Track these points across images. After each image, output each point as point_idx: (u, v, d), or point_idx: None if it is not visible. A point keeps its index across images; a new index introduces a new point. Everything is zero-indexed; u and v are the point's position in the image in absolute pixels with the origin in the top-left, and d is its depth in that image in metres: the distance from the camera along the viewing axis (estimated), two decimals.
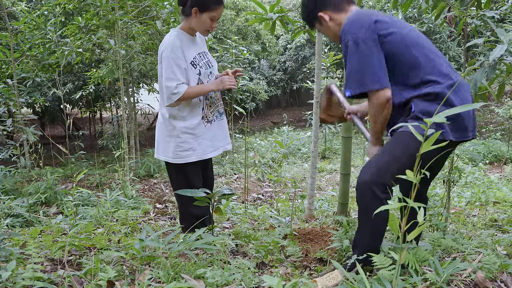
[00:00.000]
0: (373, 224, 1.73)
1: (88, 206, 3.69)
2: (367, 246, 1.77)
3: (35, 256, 1.91)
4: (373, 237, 1.77)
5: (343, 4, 1.87)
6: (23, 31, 5.84)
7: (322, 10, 1.88)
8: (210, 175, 2.62)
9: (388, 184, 1.67)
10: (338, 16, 1.87)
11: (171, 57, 2.23)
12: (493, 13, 2.45)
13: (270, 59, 15.15)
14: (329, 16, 1.88)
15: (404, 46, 1.70)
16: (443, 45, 10.45)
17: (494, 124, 10.36)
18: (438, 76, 1.69)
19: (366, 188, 1.68)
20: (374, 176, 1.67)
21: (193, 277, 1.75)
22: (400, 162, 1.66)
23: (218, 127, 2.48)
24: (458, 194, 4.40)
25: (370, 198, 1.67)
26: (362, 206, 1.73)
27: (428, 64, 1.71)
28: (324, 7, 1.87)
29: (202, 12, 2.27)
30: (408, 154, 1.66)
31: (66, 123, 4.93)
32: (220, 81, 2.37)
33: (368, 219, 1.69)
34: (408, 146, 1.66)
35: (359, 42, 1.69)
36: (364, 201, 1.71)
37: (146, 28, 5.35)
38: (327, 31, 1.94)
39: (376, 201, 1.65)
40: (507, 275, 1.82)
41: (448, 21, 3.16)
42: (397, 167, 1.66)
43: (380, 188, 1.66)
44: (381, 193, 1.66)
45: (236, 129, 10.56)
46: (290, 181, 4.98)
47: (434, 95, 1.66)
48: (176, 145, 2.36)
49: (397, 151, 1.69)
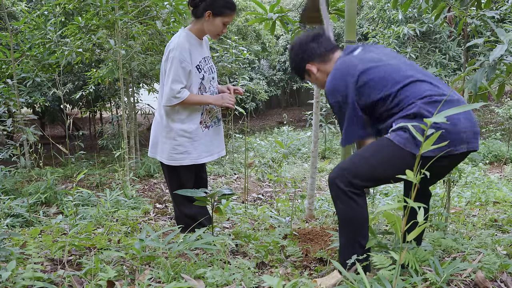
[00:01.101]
0: (344, 218, 1.79)
1: (88, 206, 3.69)
2: (342, 244, 1.82)
3: (35, 256, 1.91)
4: (346, 233, 1.81)
5: (328, 54, 1.95)
6: (23, 31, 5.84)
7: (309, 62, 1.96)
8: (204, 176, 2.63)
9: (352, 180, 1.73)
10: (324, 67, 1.96)
11: (179, 58, 2.22)
12: (493, 13, 2.45)
13: (270, 59, 15.16)
14: (316, 67, 1.96)
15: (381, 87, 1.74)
16: (443, 45, 10.45)
17: (494, 124, 10.36)
18: (415, 99, 1.68)
19: (332, 183, 1.77)
20: (339, 171, 1.77)
21: (193, 277, 1.75)
22: (369, 163, 1.73)
23: (215, 133, 2.49)
24: (458, 194, 4.40)
25: (335, 192, 1.76)
26: (332, 198, 1.81)
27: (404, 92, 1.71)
28: (310, 59, 1.96)
29: (215, 16, 2.27)
30: (378, 158, 1.72)
31: (66, 123, 4.93)
32: (220, 97, 2.39)
33: (340, 213, 1.79)
34: (380, 151, 1.73)
35: (341, 105, 1.81)
36: (332, 193, 1.79)
37: (146, 28, 5.35)
38: (316, 81, 2.03)
39: (339, 192, 1.74)
40: (507, 275, 1.82)
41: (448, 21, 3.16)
42: (366, 167, 1.73)
43: (343, 182, 1.73)
44: (344, 186, 1.73)
45: (236, 129, 10.56)
46: (290, 181, 4.98)
47: (412, 115, 1.66)
48: (172, 147, 2.36)
49: (367, 153, 1.76)
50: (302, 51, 1.97)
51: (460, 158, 1.73)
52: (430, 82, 1.74)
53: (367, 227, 1.79)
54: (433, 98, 1.66)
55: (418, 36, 10.14)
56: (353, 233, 1.79)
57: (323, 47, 1.95)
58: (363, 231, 1.79)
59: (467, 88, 2.13)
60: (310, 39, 1.97)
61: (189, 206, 2.42)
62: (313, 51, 1.95)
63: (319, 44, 1.95)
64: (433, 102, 1.65)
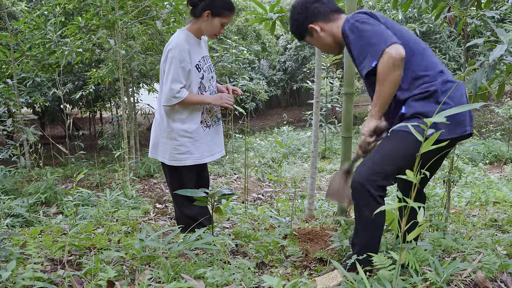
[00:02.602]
0: (370, 222, 1.75)
1: (88, 206, 3.69)
2: (364, 245, 1.78)
3: (35, 256, 1.91)
4: (370, 236, 1.79)
5: (332, 13, 1.91)
6: (23, 31, 5.84)
7: (313, 22, 1.92)
8: (205, 175, 2.63)
9: (381, 183, 1.70)
10: (328, 26, 1.91)
11: (178, 58, 2.22)
12: (493, 13, 2.45)
13: (270, 59, 15.16)
14: (320, 27, 1.92)
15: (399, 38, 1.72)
16: (443, 45, 10.46)
17: (494, 124, 10.36)
18: (432, 72, 1.73)
19: (360, 187, 1.72)
20: (367, 174, 1.71)
21: (193, 277, 1.75)
22: (392, 160, 1.70)
23: (215, 132, 2.50)
24: (458, 194, 4.40)
25: (364, 196, 1.71)
26: (357, 204, 1.76)
27: (423, 59, 1.74)
28: (314, 18, 1.91)
29: (214, 16, 2.28)
30: (400, 153, 1.70)
31: (66, 123, 4.93)
32: (219, 97, 2.40)
33: (364, 218, 1.74)
34: (400, 145, 1.70)
35: (364, 20, 1.74)
36: (358, 200, 1.75)
37: (146, 28, 5.35)
38: (318, 42, 1.98)
39: (370, 199, 1.69)
40: (507, 275, 1.82)
41: (448, 21, 3.16)
42: (390, 165, 1.70)
43: (373, 186, 1.69)
44: (374, 191, 1.69)
45: (236, 129, 10.56)
46: (290, 181, 4.98)
47: (429, 93, 1.69)
48: (173, 148, 2.36)
49: (389, 150, 1.73)
50: (305, 10, 1.92)
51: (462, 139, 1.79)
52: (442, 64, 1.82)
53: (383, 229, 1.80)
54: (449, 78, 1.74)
55: (418, 36, 10.14)
56: (377, 235, 1.78)
57: (328, 7, 1.91)
58: (382, 233, 1.80)
59: (467, 88, 2.13)
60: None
61: (190, 206, 2.42)
62: (317, 10, 1.90)
63: (323, 4, 1.91)
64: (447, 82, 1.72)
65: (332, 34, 1.90)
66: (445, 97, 1.64)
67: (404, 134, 1.66)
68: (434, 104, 1.68)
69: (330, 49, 1.99)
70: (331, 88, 11.40)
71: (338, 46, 1.95)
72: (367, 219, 1.72)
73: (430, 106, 1.69)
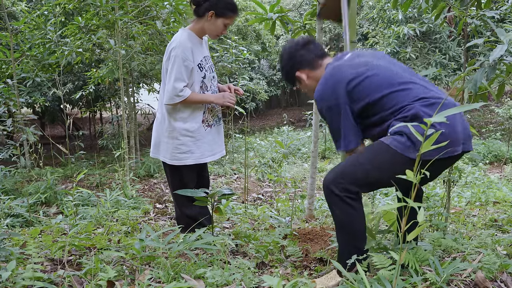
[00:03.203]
0: (342, 225, 1.78)
1: (88, 206, 3.69)
2: (344, 248, 1.80)
3: (35, 256, 1.91)
4: (345, 239, 1.80)
5: (317, 61, 1.95)
6: (23, 31, 5.84)
7: (299, 70, 1.96)
8: (206, 175, 2.64)
9: (347, 186, 1.71)
10: (314, 74, 1.95)
11: (181, 57, 2.23)
12: (493, 13, 2.44)
13: (270, 59, 15.15)
14: (306, 74, 1.96)
15: (374, 90, 1.72)
16: (443, 45, 10.45)
17: (494, 124, 10.36)
18: (410, 101, 1.68)
19: (326, 189, 1.76)
20: (334, 176, 1.75)
21: (193, 277, 1.75)
22: (364, 168, 1.71)
23: (216, 132, 2.50)
24: (458, 194, 4.39)
25: (330, 198, 1.75)
26: (328, 204, 1.80)
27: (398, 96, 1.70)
28: (300, 66, 1.95)
29: (218, 17, 2.29)
30: (374, 163, 1.70)
31: (66, 123, 4.93)
32: (221, 96, 2.41)
33: (336, 218, 1.78)
34: (376, 156, 1.70)
35: (332, 108, 1.78)
36: (328, 200, 1.78)
37: (146, 28, 5.35)
38: (306, 88, 2.02)
39: (336, 199, 1.72)
40: (507, 275, 1.82)
41: (448, 21, 3.16)
42: (362, 172, 1.71)
43: (338, 188, 1.72)
44: (339, 192, 1.71)
45: (236, 129, 10.57)
46: (290, 181, 4.98)
47: (409, 116, 1.64)
48: (175, 147, 2.36)
49: (362, 158, 1.74)
50: (291, 59, 1.96)
51: (455, 160, 1.75)
52: (424, 86, 1.74)
53: (364, 230, 1.78)
54: (431, 101, 1.66)
55: (418, 36, 10.14)
56: (351, 237, 1.78)
57: (313, 53, 1.94)
58: (360, 235, 1.77)
59: (467, 88, 2.13)
60: (300, 46, 1.96)
61: (190, 206, 2.42)
62: (302, 58, 1.94)
63: (308, 51, 1.94)
64: (431, 105, 1.65)
65: (317, 80, 1.90)
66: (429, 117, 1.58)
67: (384, 146, 1.67)
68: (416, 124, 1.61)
69: None
70: None
71: None
72: (339, 220, 1.77)
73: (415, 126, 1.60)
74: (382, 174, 1.69)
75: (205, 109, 2.40)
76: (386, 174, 1.66)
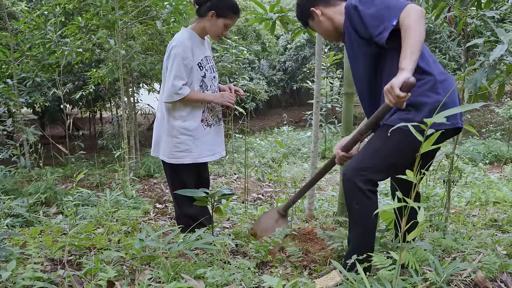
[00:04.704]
0: (359, 219, 1.76)
1: (88, 206, 3.69)
2: (357, 243, 1.79)
3: (35, 256, 1.91)
4: (359, 233, 1.79)
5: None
6: (23, 31, 5.83)
7: (314, 5, 1.94)
8: (206, 176, 2.63)
9: (371, 177, 1.71)
10: (328, 11, 1.92)
11: (181, 55, 2.24)
12: (493, 13, 2.44)
13: (270, 59, 15.15)
14: (320, 11, 1.93)
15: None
16: (443, 45, 10.46)
17: (494, 124, 10.36)
18: (431, 68, 1.73)
19: (350, 183, 1.73)
20: (356, 168, 1.73)
21: (193, 277, 1.75)
22: (382, 155, 1.71)
23: (216, 132, 2.50)
24: (458, 194, 4.39)
25: (353, 192, 1.73)
26: (347, 199, 1.78)
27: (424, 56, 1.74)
28: (315, 2, 1.94)
29: (219, 17, 2.30)
30: (390, 147, 1.70)
31: (66, 123, 4.93)
32: (221, 96, 2.41)
33: (354, 213, 1.76)
34: (389, 139, 1.69)
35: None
36: (349, 195, 1.76)
37: (146, 28, 5.35)
38: (318, 26, 1.99)
39: (359, 194, 1.71)
40: (507, 275, 1.82)
41: (448, 21, 3.16)
42: (379, 160, 1.71)
43: (362, 180, 1.70)
44: (363, 185, 1.70)
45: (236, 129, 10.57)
46: (290, 181, 4.97)
47: (429, 84, 1.69)
48: (173, 145, 2.37)
49: (377, 145, 1.74)
50: None
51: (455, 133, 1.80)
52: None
53: (376, 226, 1.79)
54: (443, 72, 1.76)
55: None
56: (367, 233, 1.78)
57: None
58: (374, 230, 1.78)
59: (467, 88, 2.13)
60: None
61: (190, 206, 2.42)
62: None
63: None
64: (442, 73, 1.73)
65: (331, 19, 1.91)
66: (441, 88, 1.67)
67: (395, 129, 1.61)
68: (429, 93, 1.68)
69: (329, 35, 1.99)
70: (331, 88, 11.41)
71: (336, 32, 1.95)
72: (357, 214, 1.75)
73: (425, 95, 1.68)
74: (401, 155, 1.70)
75: (205, 108, 2.40)
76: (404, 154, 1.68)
